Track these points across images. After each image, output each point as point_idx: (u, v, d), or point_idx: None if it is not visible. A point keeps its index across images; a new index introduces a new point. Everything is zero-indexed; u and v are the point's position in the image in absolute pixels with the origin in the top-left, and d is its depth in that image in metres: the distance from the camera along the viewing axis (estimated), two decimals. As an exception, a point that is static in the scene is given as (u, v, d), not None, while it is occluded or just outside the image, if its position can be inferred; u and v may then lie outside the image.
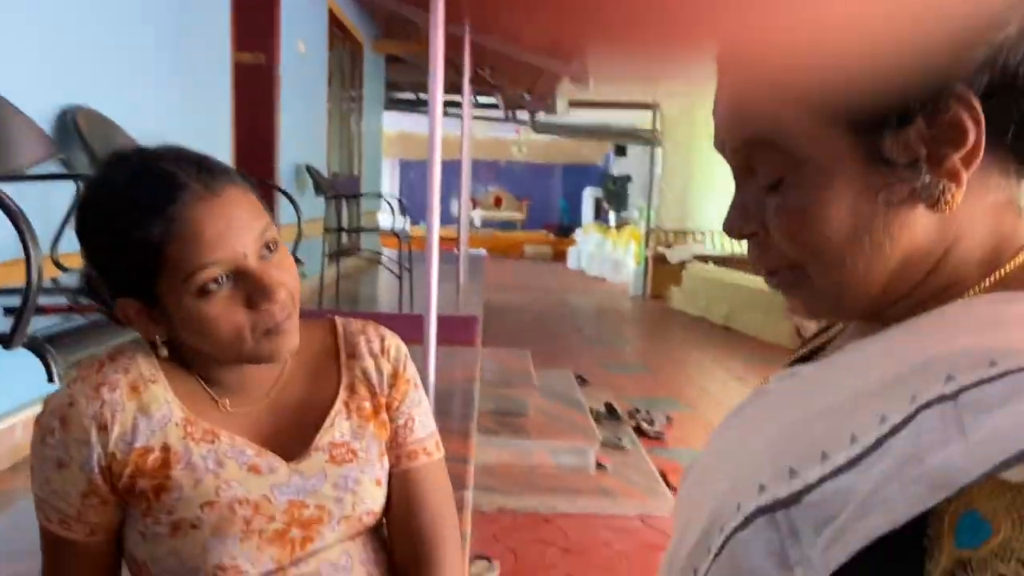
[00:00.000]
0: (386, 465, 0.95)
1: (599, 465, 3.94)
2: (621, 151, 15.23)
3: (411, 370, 0.99)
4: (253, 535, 0.86)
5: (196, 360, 0.90)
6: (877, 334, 0.52)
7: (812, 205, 0.50)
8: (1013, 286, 0.48)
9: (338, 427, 0.93)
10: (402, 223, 5.98)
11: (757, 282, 8.67)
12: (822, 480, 0.45)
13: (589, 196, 16.52)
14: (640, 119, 11.89)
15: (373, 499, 0.93)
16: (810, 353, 0.67)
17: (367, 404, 0.95)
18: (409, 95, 10.59)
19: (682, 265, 9.85)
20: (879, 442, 0.43)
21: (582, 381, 5.43)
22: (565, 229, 16.53)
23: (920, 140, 0.47)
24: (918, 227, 0.50)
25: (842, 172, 0.49)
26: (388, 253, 7.33)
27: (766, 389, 0.61)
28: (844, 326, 0.66)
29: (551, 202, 18.17)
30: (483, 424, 3.75)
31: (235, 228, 0.81)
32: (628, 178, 15.25)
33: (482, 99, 9.76)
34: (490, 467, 3.76)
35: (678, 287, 9.64)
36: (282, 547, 0.87)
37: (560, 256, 15.15)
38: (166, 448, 0.86)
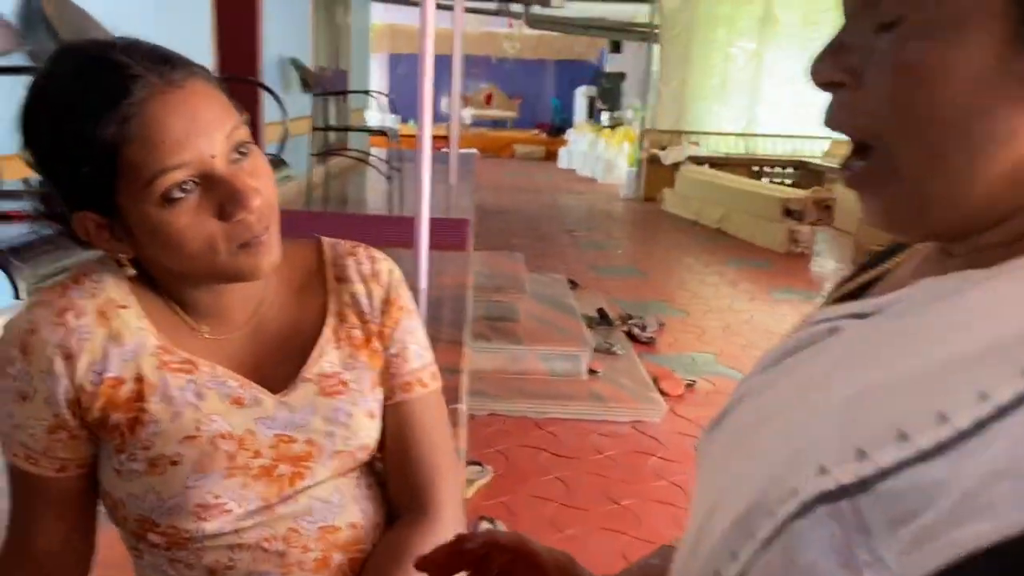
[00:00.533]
0: (379, 397, 0.89)
1: (591, 371, 3.95)
2: (616, 48, 14.74)
3: (405, 295, 0.91)
4: (238, 471, 0.80)
5: (167, 281, 0.81)
6: (971, 276, 0.42)
7: (932, 60, 0.40)
8: None
9: (327, 357, 0.86)
10: (391, 121, 5.79)
11: (752, 185, 8.57)
12: (900, 466, 0.37)
13: (582, 94, 16.08)
14: (637, 13, 11.43)
15: (366, 433, 0.87)
16: (858, 289, 0.58)
17: (358, 332, 0.88)
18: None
19: (676, 167, 9.68)
20: (979, 425, 0.35)
21: (573, 285, 5.39)
22: (557, 128, 16.16)
23: None
24: None
25: (982, 30, 0.39)
26: (376, 152, 7.14)
27: (813, 336, 0.51)
28: (901, 257, 0.58)
29: (543, 100, 17.69)
30: (475, 330, 3.72)
31: (201, 126, 0.72)
32: (623, 76, 14.81)
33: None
34: (482, 373, 3.75)
35: (671, 189, 9.50)
36: (269, 484, 0.82)
37: (552, 156, 14.87)
38: (140, 379, 0.79)
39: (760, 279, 6.37)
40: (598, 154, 12.59)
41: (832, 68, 0.45)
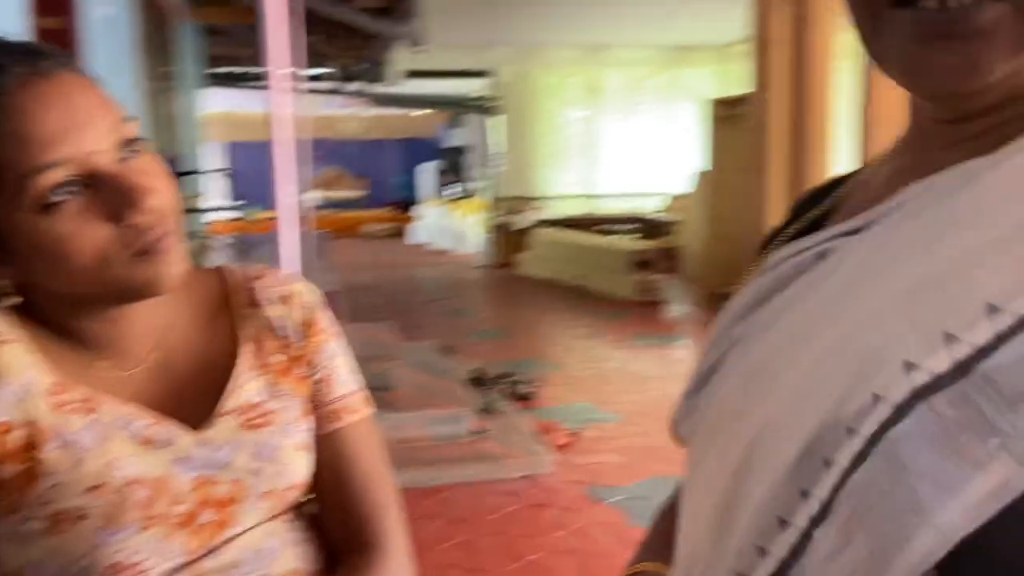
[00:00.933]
0: (309, 427, 0.80)
1: (476, 432, 3.87)
2: (457, 122, 15.13)
3: (326, 317, 0.84)
4: (155, 522, 0.69)
5: (56, 310, 0.71)
6: (979, 163, 0.41)
7: None
8: None
9: (248, 386, 0.77)
10: (232, 207, 5.61)
11: (602, 241, 8.91)
12: (1000, 339, 0.35)
13: (427, 170, 16.34)
14: (475, 88, 11.82)
15: (297, 468, 0.77)
16: (810, 227, 0.56)
17: (279, 357, 0.79)
18: (234, 69, 9.92)
19: (528, 231, 9.94)
20: None
21: (447, 351, 5.32)
22: (405, 204, 16.27)
23: None
24: None
25: None
26: (221, 238, 6.85)
27: (797, 266, 0.50)
28: (844, 190, 0.57)
29: (389, 178, 17.81)
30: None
31: (79, 119, 0.63)
32: (465, 149, 15.18)
33: (313, 71, 9.28)
34: (364, 446, 3.59)
35: (525, 253, 9.72)
36: (192, 535, 0.71)
37: (401, 232, 14.92)
38: (31, 423, 0.67)
39: (622, 328, 6.57)
40: (449, 226, 12.73)
41: None
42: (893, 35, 0.42)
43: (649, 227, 10.04)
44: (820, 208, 0.58)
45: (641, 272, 7.61)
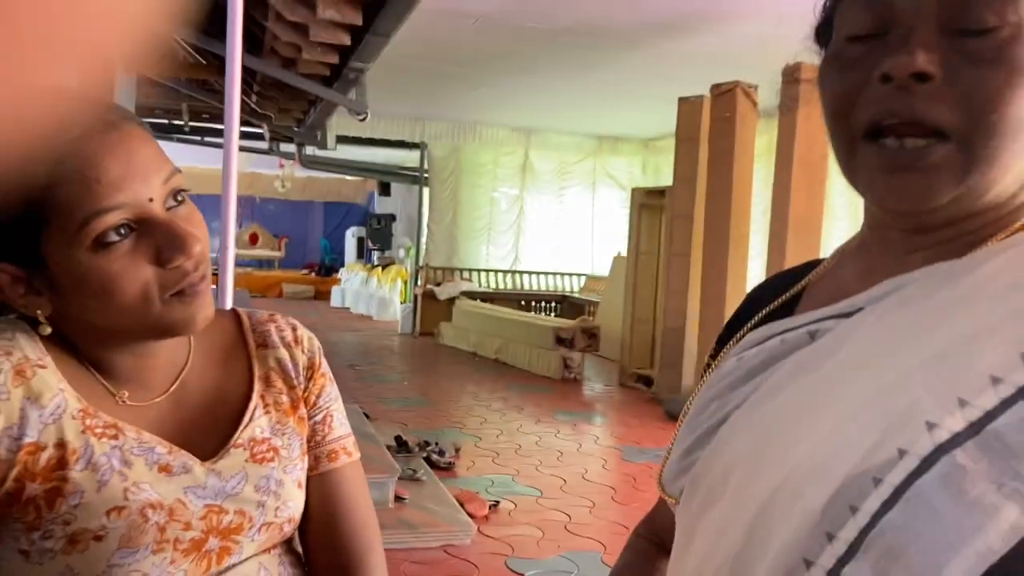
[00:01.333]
0: (305, 466, 0.86)
1: (398, 498, 3.84)
2: (385, 190, 15.25)
3: (325, 363, 0.91)
4: (167, 546, 0.73)
5: (87, 342, 0.75)
6: (968, 258, 0.50)
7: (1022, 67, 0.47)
8: None
9: (258, 422, 0.82)
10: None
11: (525, 316, 9.06)
12: (1004, 405, 0.43)
13: (352, 235, 16.31)
14: (407, 158, 12.01)
15: (295, 503, 0.83)
16: (779, 310, 0.65)
17: (285, 397, 0.85)
18: (160, 120, 9.81)
19: (451, 302, 10.02)
20: None
21: (366, 417, 5.28)
22: (327, 268, 16.14)
23: None
24: None
25: None
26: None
27: (790, 344, 0.57)
28: (812, 276, 0.66)
29: (311, 240, 17.66)
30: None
31: (138, 168, 0.69)
32: (392, 217, 15.28)
33: (243, 129, 9.26)
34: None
35: (448, 323, 9.77)
36: (198, 561, 0.75)
37: (323, 295, 14.74)
38: (62, 444, 0.71)
39: (542, 403, 6.65)
40: (371, 292, 12.69)
41: (929, 61, 0.49)
42: (864, 165, 0.53)
43: (570, 305, 10.29)
44: (782, 298, 0.67)
45: (562, 349, 7.76)
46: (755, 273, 6.16)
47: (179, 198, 0.74)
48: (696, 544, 0.57)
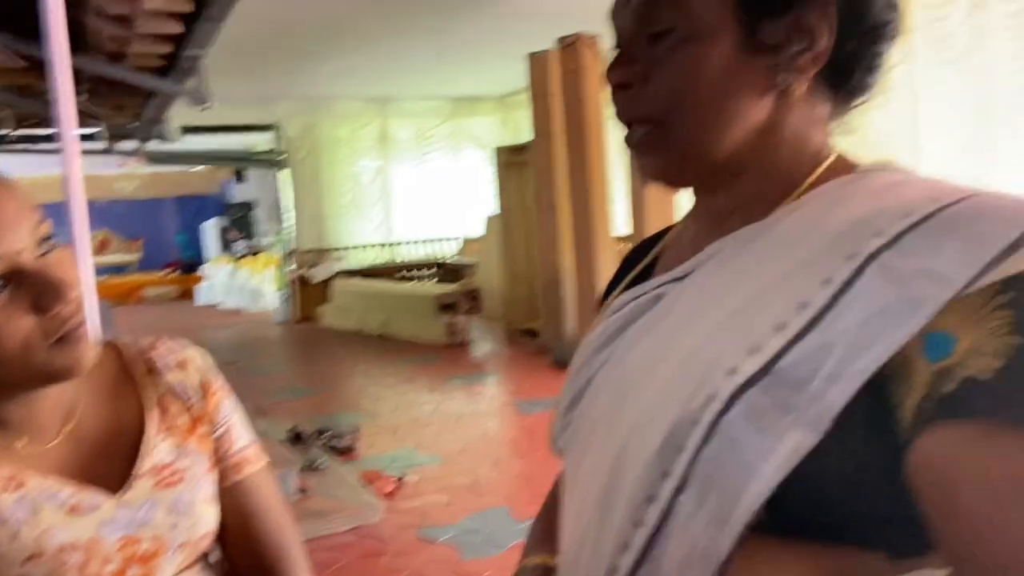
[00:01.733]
0: (215, 480, 0.87)
1: (301, 490, 3.81)
2: (241, 177, 14.67)
3: (219, 378, 0.92)
4: None
5: None
6: (759, 223, 0.59)
7: (692, 57, 0.59)
8: (849, 173, 0.60)
9: (157, 448, 0.83)
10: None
11: (405, 287, 9.03)
12: (786, 348, 0.50)
13: (212, 227, 15.61)
14: (259, 141, 11.57)
15: (208, 519, 0.84)
16: (641, 275, 0.74)
17: (182, 419, 0.86)
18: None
19: (327, 283, 9.84)
20: (834, 299, 0.50)
21: (258, 412, 5.17)
22: (189, 265, 15.40)
23: (786, 32, 0.57)
24: (763, 109, 0.59)
25: (723, 38, 0.58)
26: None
27: (640, 306, 0.65)
28: (661, 245, 0.75)
29: (167, 238, 16.76)
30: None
31: (6, 221, 0.69)
32: (253, 204, 14.74)
33: (83, 131, 8.63)
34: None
35: (327, 306, 9.61)
36: None
37: (188, 294, 14.09)
38: None
39: (433, 371, 6.71)
40: (241, 284, 12.27)
41: (622, 75, 0.62)
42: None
43: (449, 271, 10.32)
44: (644, 262, 0.76)
45: (446, 315, 7.81)
46: (622, 219, 6.40)
47: (48, 245, 0.73)
48: (577, 489, 0.64)
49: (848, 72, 0.60)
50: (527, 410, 5.31)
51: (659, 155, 0.63)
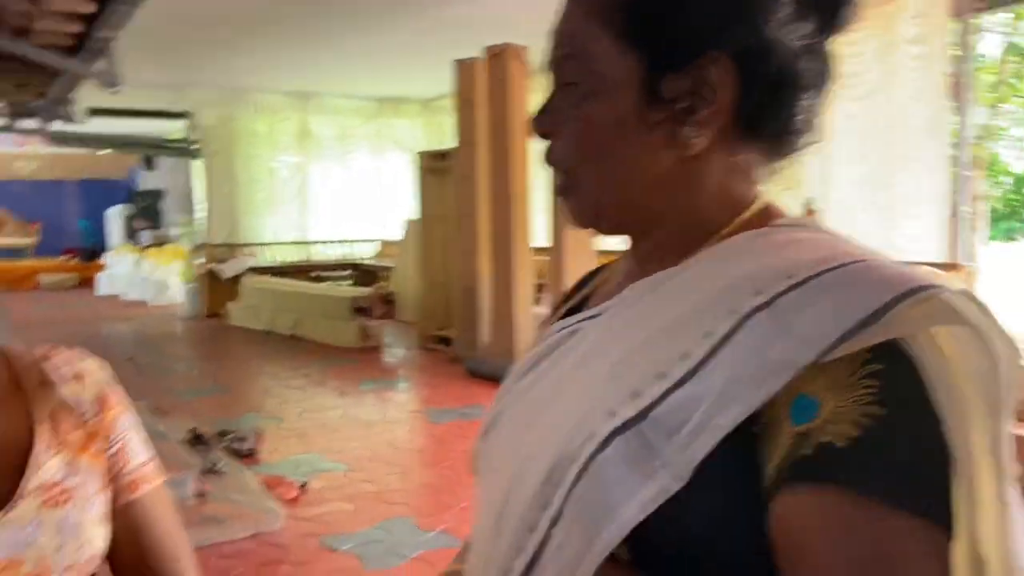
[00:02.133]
0: (108, 499, 0.83)
1: (199, 494, 3.68)
2: (150, 164, 14.09)
3: (117, 392, 0.87)
4: None
5: None
6: (671, 269, 0.61)
7: (594, 111, 0.61)
8: (764, 225, 0.61)
9: (47, 465, 0.78)
10: None
11: (319, 288, 8.85)
12: (664, 395, 0.52)
13: (117, 214, 14.93)
14: (172, 129, 11.16)
15: (97, 541, 0.80)
16: (576, 307, 0.75)
17: (75, 435, 0.81)
18: None
19: (238, 279, 9.55)
20: (712, 352, 0.52)
21: (158, 411, 4.97)
22: (90, 253, 14.68)
23: (687, 87, 0.58)
24: (667, 161, 0.60)
25: (624, 92, 0.60)
26: None
27: (558, 340, 0.67)
28: (599, 279, 0.77)
29: (68, 223, 15.93)
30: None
31: None
32: (162, 192, 14.19)
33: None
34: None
35: (236, 302, 9.32)
36: None
37: (88, 283, 13.43)
38: None
39: (344, 375, 6.59)
40: (145, 275, 11.78)
41: (542, 124, 0.65)
42: None
43: (364, 273, 10.18)
44: (583, 292, 0.78)
45: (360, 318, 7.70)
46: (541, 231, 6.44)
47: None
48: (481, 512, 0.66)
49: (762, 122, 0.61)
50: (437, 419, 5.28)
51: (573, 202, 0.65)
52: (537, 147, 0.67)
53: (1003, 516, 0.48)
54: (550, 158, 0.65)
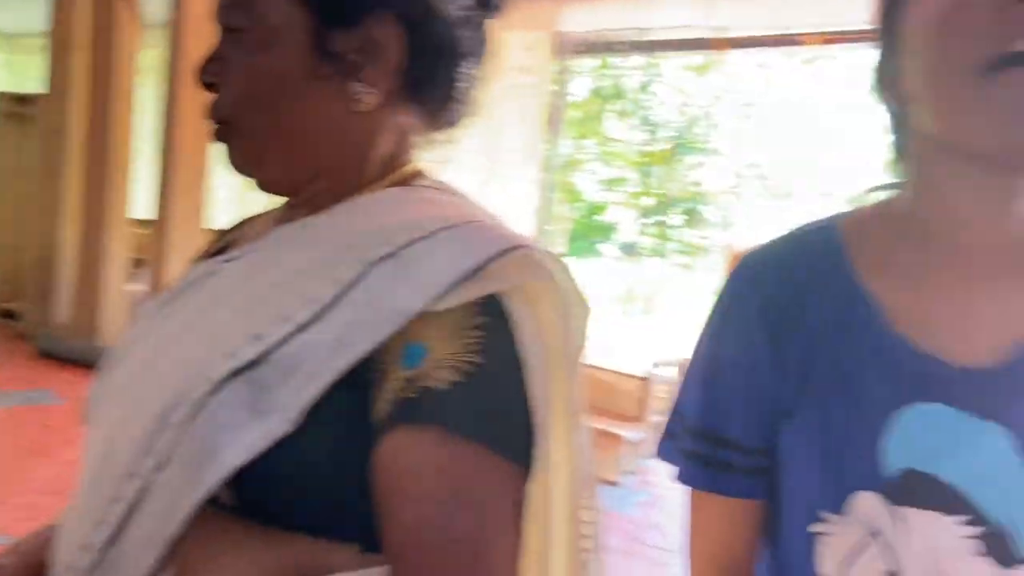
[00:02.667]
0: None
1: None
2: None
3: None
4: None
5: None
6: (315, 216, 0.61)
7: (263, 61, 0.60)
8: (407, 184, 0.64)
9: None
10: None
11: None
12: (287, 338, 0.53)
13: None
14: None
15: None
16: (219, 251, 0.72)
17: None
18: None
19: None
20: (337, 298, 0.53)
21: None
22: None
23: (356, 44, 0.59)
24: (337, 116, 0.61)
25: (292, 44, 0.59)
26: None
27: (195, 280, 0.64)
28: (245, 228, 0.75)
29: None
30: None
31: None
32: None
33: None
34: None
35: None
36: None
37: None
38: None
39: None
40: None
41: (208, 74, 0.62)
42: None
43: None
44: (227, 239, 0.75)
45: None
46: (144, 201, 5.86)
47: None
48: (86, 464, 0.61)
49: (426, 87, 0.63)
50: (-4, 403, 4.50)
51: (235, 148, 0.63)
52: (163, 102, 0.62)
53: (573, 455, 0.54)
54: (215, 112, 0.62)
